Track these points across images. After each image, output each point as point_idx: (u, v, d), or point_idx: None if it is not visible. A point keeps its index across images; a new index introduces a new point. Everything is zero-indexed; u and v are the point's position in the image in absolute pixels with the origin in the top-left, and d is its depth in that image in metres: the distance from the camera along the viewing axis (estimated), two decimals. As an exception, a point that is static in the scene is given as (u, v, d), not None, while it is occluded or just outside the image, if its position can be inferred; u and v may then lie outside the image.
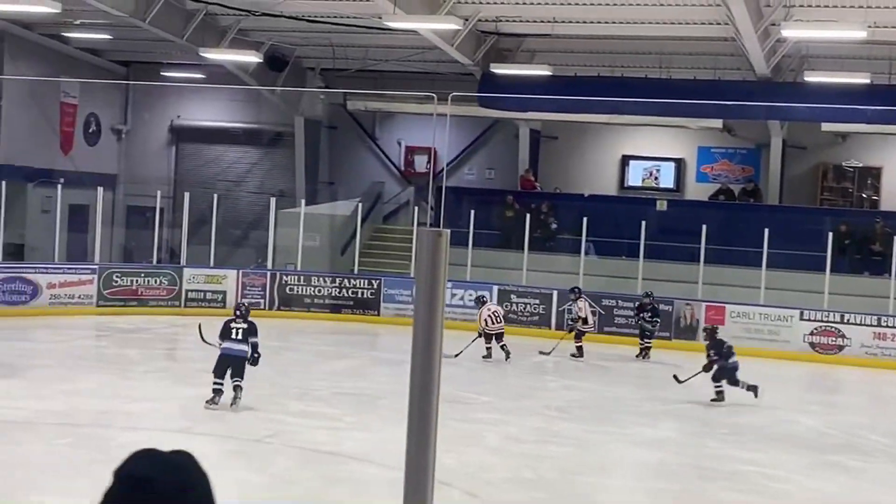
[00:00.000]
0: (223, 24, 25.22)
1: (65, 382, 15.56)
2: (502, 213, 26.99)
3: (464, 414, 14.05)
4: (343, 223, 27.57)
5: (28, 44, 27.90)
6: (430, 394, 4.55)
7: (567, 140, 29.10)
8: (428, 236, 4.38)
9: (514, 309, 23.62)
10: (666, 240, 24.24)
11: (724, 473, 12.37)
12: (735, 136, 27.60)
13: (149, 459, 2.25)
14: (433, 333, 4.49)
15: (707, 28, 21.98)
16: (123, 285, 23.66)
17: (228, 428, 13.15)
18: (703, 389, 16.71)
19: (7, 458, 11.13)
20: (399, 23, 21.08)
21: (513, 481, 11.41)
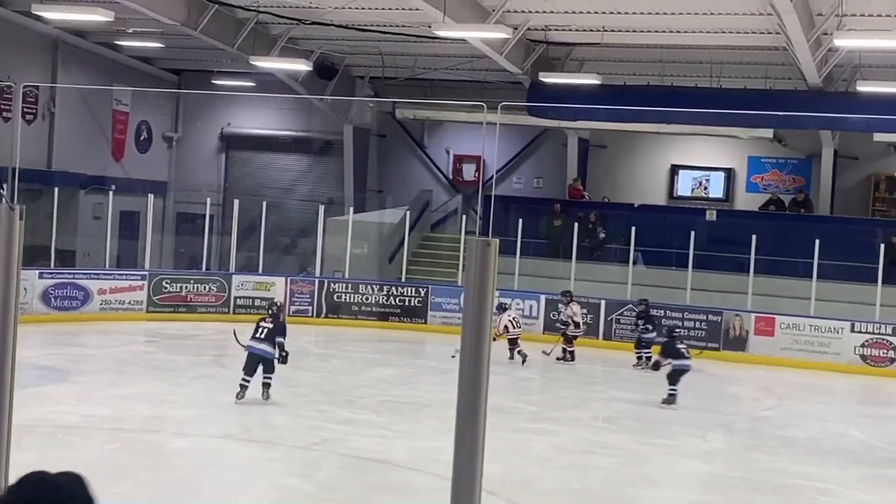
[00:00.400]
0: (273, 33, 25.38)
1: (114, 388, 15.70)
2: (550, 222, 26.92)
3: (510, 423, 14.01)
4: (391, 231, 27.62)
5: (81, 52, 28.23)
6: (479, 403, 4.54)
7: (616, 149, 28.99)
8: (477, 245, 4.38)
9: (562, 319, 23.52)
10: (715, 250, 24.07)
11: (774, 486, 12.23)
12: (786, 146, 27.36)
13: (33, 483, 2.30)
14: (481, 342, 4.48)
15: (758, 37, 21.80)
16: (173, 292, 23.85)
17: (275, 435, 13.19)
18: (755, 403, 16.55)
19: (57, 463, 11.18)
20: (448, 31, 21.09)
21: (560, 492, 11.36)
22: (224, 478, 11.26)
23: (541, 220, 26.98)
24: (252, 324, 15.80)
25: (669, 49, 23.51)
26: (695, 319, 22.68)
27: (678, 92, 24.71)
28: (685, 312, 22.86)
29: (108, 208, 24.80)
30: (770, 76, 23.90)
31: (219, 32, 24.28)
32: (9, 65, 25.55)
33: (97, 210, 27.10)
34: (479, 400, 4.05)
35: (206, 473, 11.44)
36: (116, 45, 28.55)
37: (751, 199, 27.79)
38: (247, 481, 11.25)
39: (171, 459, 11.80)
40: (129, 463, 11.54)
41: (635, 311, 21.96)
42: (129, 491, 10.46)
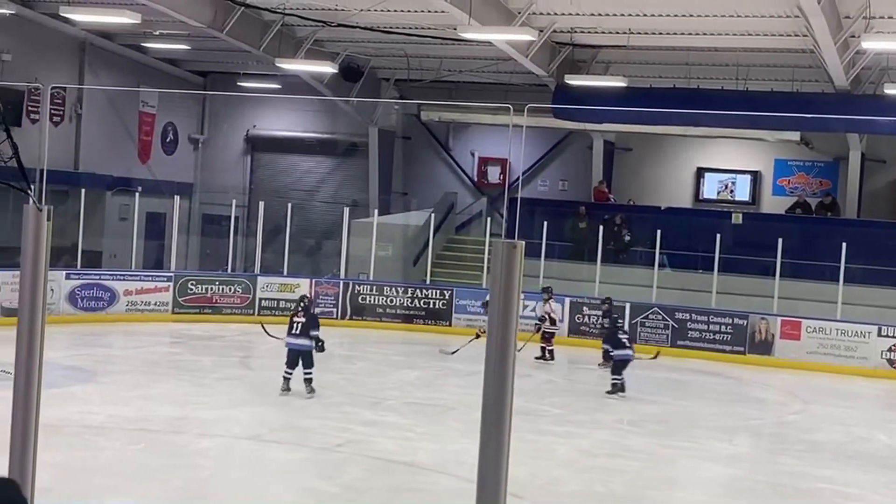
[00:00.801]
0: (299, 35, 25.44)
1: (140, 389, 15.77)
2: (575, 224, 26.88)
3: (534, 426, 13.99)
4: (416, 233, 27.64)
5: (108, 54, 28.38)
6: (504, 406, 4.53)
7: (641, 152, 28.92)
8: (503, 248, 4.38)
9: (587, 321, 23.52)
10: (741, 253, 23.99)
11: (799, 491, 12.17)
12: (813, 149, 27.21)
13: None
14: (507, 345, 4.47)
15: (785, 40, 21.71)
16: (198, 293, 23.94)
17: (300, 436, 13.22)
18: (781, 407, 16.47)
19: (83, 463, 11.29)
20: (474, 34, 21.08)
21: (583, 495, 11.33)
22: (248, 479, 11.28)
23: (566, 222, 26.94)
24: (277, 325, 15.96)
25: (696, 51, 23.43)
26: (720, 323, 22.59)
27: (704, 94, 24.61)
28: (710, 316, 22.77)
29: (135, 209, 24.92)
30: (797, 79, 23.77)
31: (245, 34, 24.36)
32: (36, 67, 25.71)
33: (123, 211, 27.26)
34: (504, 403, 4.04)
35: (230, 474, 11.47)
36: (143, 47, 28.70)
37: (777, 202, 27.66)
38: (271, 483, 11.26)
39: (195, 460, 11.83)
40: (154, 463, 11.59)
41: (600, 311, 21.93)
42: (153, 491, 10.50)
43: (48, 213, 4.75)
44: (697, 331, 22.72)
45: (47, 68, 26.47)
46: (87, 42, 27.67)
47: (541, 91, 25.57)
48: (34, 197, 4.87)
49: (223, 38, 24.03)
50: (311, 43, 25.47)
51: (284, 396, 15.53)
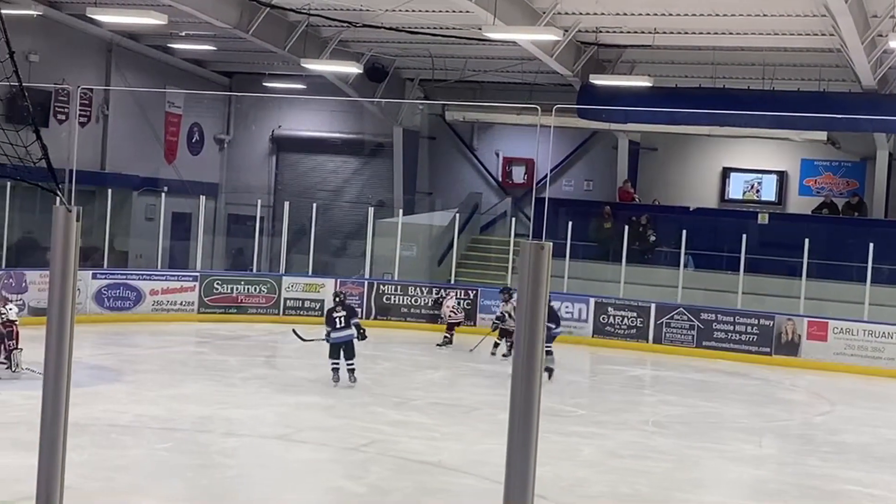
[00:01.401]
0: (324, 36, 25.50)
1: (166, 388, 15.84)
2: (600, 224, 26.82)
3: (560, 427, 13.97)
4: (440, 234, 27.65)
5: (134, 55, 28.52)
6: (532, 406, 4.52)
7: (667, 152, 28.83)
8: (530, 249, 4.37)
9: (612, 322, 23.47)
10: (767, 253, 23.88)
11: (826, 493, 12.10)
12: (839, 149, 27.04)
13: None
14: (534, 346, 4.46)
15: (812, 39, 21.60)
16: (224, 293, 24.02)
17: (326, 436, 13.24)
18: (808, 408, 16.38)
19: (110, 462, 11.35)
20: (498, 34, 21.08)
21: (609, 496, 11.30)
22: (274, 478, 11.31)
23: (591, 222, 26.89)
24: (303, 324, 16.17)
25: (721, 51, 23.34)
26: (746, 324, 22.50)
27: (730, 94, 24.52)
28: (736, 316, 22.68)
29: (161, 210, 25.04)
30: (824, 78, 23.66)
31: (270, 35, 24.44)
32: (63, 68, 25.85)
33: (150, 211, 27.39)
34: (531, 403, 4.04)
35: (256, 474, 11.50)
36: (169, 48, 28.83)
37: (804, 202, 27.52)
38: (296, 482, 11.29)
39: (221, 459, 11.87)
40: (180, 462, 11.64)
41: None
42: (179, 490, 10.55)
43: (77, 214, 4.77)
44: (723, 331, 22.63)
45: (74, 69, 26.62)
46: (114, 43, 27.82)
47: (565, 91, 25.54)
48: (63, 197, 4.89)
49: (249, 38, 24.12)
50: (336, 43, 25.52)
51: (307, 396, 15.57)
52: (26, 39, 23.35)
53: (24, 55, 23.22)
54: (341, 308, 16.89)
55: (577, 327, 23.62)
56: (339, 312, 16.79)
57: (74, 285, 4.79)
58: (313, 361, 19.87)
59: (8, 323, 15.73)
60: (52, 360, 4.84)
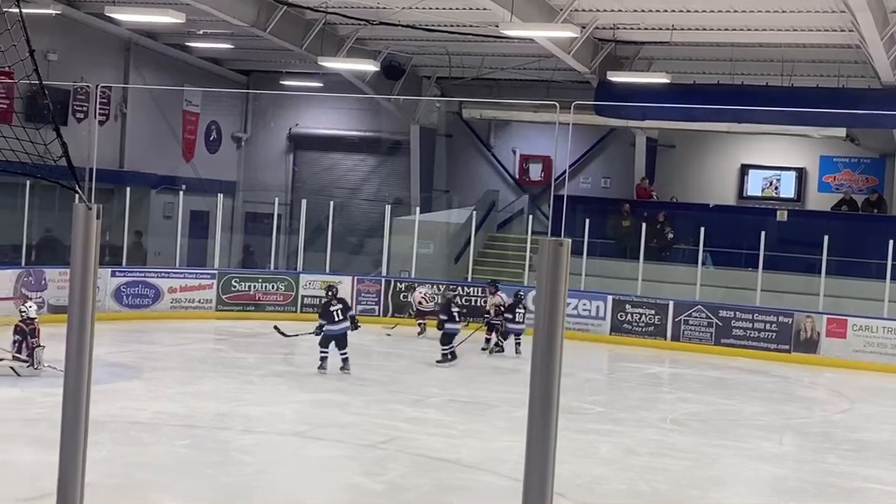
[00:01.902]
0: (341, 34, 25.52)
1: (185, 385, 15.89)
2: (618, 222, 26.76)
3: (578, 424, 13.95)
4: (457, 231, 27.64)
5: (152, 53, 28.60)
6: (551, 404, 4.51)
7: (684, 149, 28.74)
8: (549, 246, 4.36)
9: (629, 319, 23.43)
10: (786, 250, 23.78)
11: (846, 491, 12.06)
12: (859, 146, 26.93)
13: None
14: (553, 343, 4.46)
15: (830, 35, 21.51)
16: (242, 290, 24.10)
17: (343, 433, 13.26)
18: (827, 406, 16.33)
19: (130, 459, 11.39)
20: (515, 31, 21.06)
21: (627, 494, 11.28)
22: (291, 475, 11.34)
23: (608, 220, 26.83)
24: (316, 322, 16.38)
25: (740, 47, 23.28)
26: (765, 321, 22.43)
27: (749, 91, 24.45)
28: (755, 314, 22.61)
29: (179, 208, 25.11)
30: (843, 74, 23.55)
31: (287, 33, 24.48)
32: (82, 66, 25.94)
33: (168, 209, 27.46)
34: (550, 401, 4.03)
35: (274, 471, 11.52)
36: (187, 47, 28.90)
37: (823, 198, 27.41)
38: (314, 479, 11.31)
39: (239, 456, 11.90)
40: (199, 459, 11.68)
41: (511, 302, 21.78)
42: (198, 487, 10.59)
43: (98, 212, 4.78)
44: (742, 329, 22.57)
45: (93, 68, 26.70)
46: (132, 42, 27.90)
47: (583, 88, 25.50)
48: (83, 195, 4.91)
49: (266, 37, 24.16)
50: (353, 41, 25.54)
51: (324, 393, 15.60)
52: (45, 38, 23.42)
53: (43, 54, 23.28)
54: (337, 301, 17.35)
55: (595, 325, 23.58)
56: (336, 306, 17.24)
57: (95, 282, 4.81)
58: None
59: (28, 320, 15.82)
60: (72, 357, 4.86)
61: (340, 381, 16.80)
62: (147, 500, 10.02)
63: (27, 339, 15.70)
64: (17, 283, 20.96)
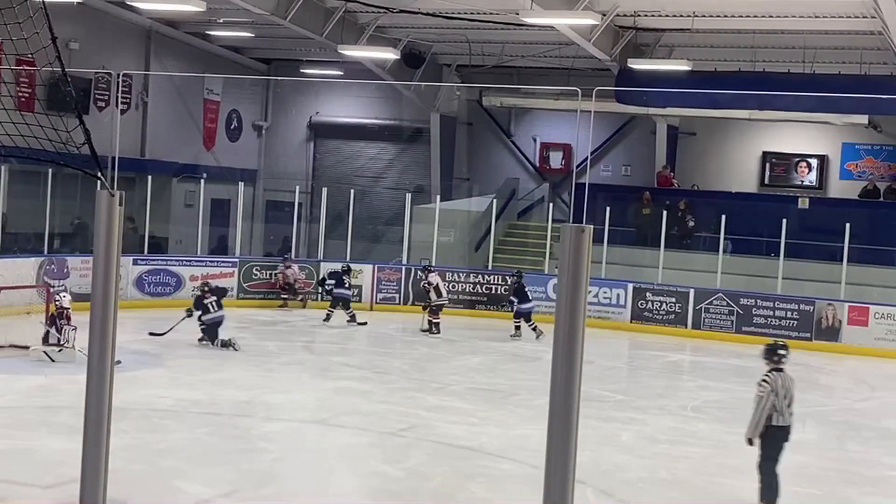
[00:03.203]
0: (361, 22, 25.50)
1: (207, 373, 15.95)
2: (638, 210, 26.70)
3: (598, 412, 13.95)
4: (478, 219, 27.62)
5: (173, 42, 28.65)
6: (572, 392, 4.52)
7: (706, 136, 28.63)
8: (571, 232, 4.36)
9: (650, 307, 23.39)
10: (807, 238, 23.69)
11: (869, 479, 12.02)
12: (881, 133, 26.79)
13: None
14: (575, 330, 4.46)
15: (853, 21, 21.38)
16: (263, 279, 24.15)
17: (365, 420, 13.29)
18: (849, 394, 16.28)
19: (152, 446, 11.44)
20: (536, 18, 21.01)
21: (648, 481, 11.28)
22: (313, 463, 11.38)
23: (629, 207, 26.77)
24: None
25: (761, 34, 23.16)
26: (786, 309, 22.35)
27: (770, 78, 24.33)
28: (776, 302, 22.54)
29: (200, 196, 25.17)
30: (865, 61, 23.42)
31: (308, 22, 24.47)
32: (103, 55, 25.99)
33: (189, 198, 27.53)
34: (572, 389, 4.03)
35: (295, 458, 11.57)
36: (207, 35, 28.93)
37: (845, 186, 27.28)
38: (336, 467, 11.34)
39: (261, 444, 11.94)
40: (220, 446, 11.72)
41: (508, 284, 22.27)
42: (220, 474, 10.63)
43: (120, 199, 4.81)
44: (763, 317, 22.49)
45: (113, 57, 26.77)
46: (153, 30, 27.95)
47: (603, 76, 25.40)
48: (106, 182, 4.93)
49: (286, 25, 24.15)
50: (374, 29, 25.52)
51: (346, 381, 15.67)
52: (67, 27, 23.49)
53: (65, 42, 23.34)
54: (211, 294, 18.26)
55: (616, 313, 23.55)
56: (210, 298, 18.17)
57: (118, 268, 4.84)
58: (351, 346, 19.98)
59: (61, 309, 16.05)
60: (96, 344, 4.89)
61: (362, 369, 16.83)
62: (169, 487, 10.06)
63: (56, 322, 15.95)
64: (40, 272, 21.06)
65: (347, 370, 17.00)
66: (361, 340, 20.71)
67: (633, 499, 10.69)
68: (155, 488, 9.96)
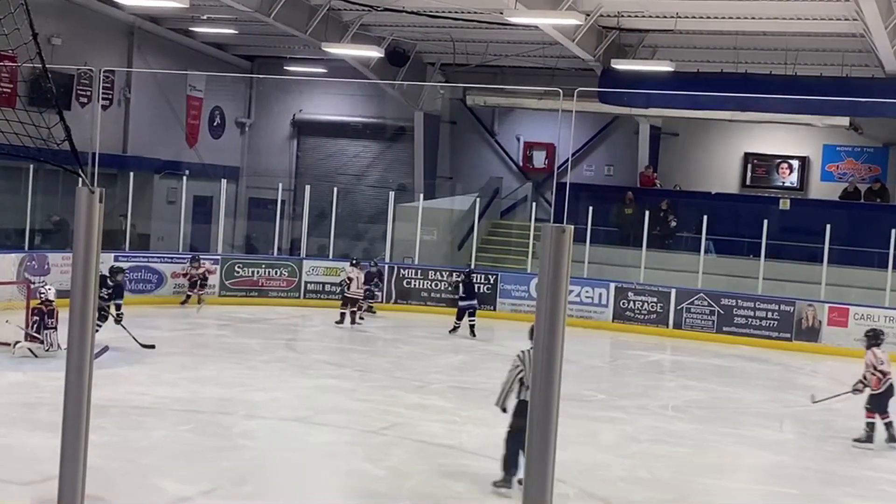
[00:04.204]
0: (345, 20, 25.48)
1: (188, 370, 15.92)
2: (621, 210, 26.77)
3: (579, 411, 13.99)
4: (461, 218, 27.65)
5: (156, 38, 28.57)
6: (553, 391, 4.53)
7: (688, 137, 28.73)
8: (552, 232, 4.37)
9: (631, 307, 23.45)
10: (788, 239, 23.80)
11: (846, 479, 12.08)
12: (862, 135, 26.92)
13: None
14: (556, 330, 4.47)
15: (835, 24, 21.48)
16: (245, 276, 24.13)
17: (346, 419, 13.29)
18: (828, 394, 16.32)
19: (132, 443, 11.42)
20: (520, 18, 21.03)
21: (628, 480, 11.32)
22: (294, 461, 11.37)
23: (611, 207, 26.84)
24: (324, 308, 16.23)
25: (744, 36, 23.24)
26: (767, 309, 22.44)
27: (752, 79, 24.42)
28: (757, 302, 22.63)
29: (182, 193, 25.13)
30: (847, 63, 23.53)
31: (292, 19, 24.44)
32: (86, 51, 25.91)
33: (171, 194, 27.49)
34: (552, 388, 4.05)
35: (277, 456, 11.56)
36: (191, 32, 28.86)
37: (826, 187, 27.41)
38: (317, 465, 11.35)
39: (242, 442, 11.93)
40: (201, 444, 11.70)
41: (458, 280, 22.46)
42: (201, 471, 10.61)
43: (101, 195, 4.79)
44: (743, 317, 22.58)
45: (96, 53, 26.67)
46: (136, 26, 27.87)
47: (587, 76, 25.47)
48: (86, 179, 4.92)
49: (270, 22, 24.12)
50: (358, 27, 25.50)
51: (327, 379, 15.66)
52: (49, 22, 23.41)
53: (47, 38, 23.25)
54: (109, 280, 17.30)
55: (598, 312, 23.61)
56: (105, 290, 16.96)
57: (97, 265, 4.82)
58: (333, 345, 19.99)
59: (47, 302, 16.03)
60: (75, 341, 4.88)
61: (343, 367, 16.83)
62: (149, 485, 10.04)
63: (44, 319, 15.90)
64: (20, 268, 20.98)
65: (329, 368, 17.00)
66: (343, 339, 20.71)
67: (613, 498, 10.72)
68: (135, 486, 9.94)
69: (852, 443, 13.52)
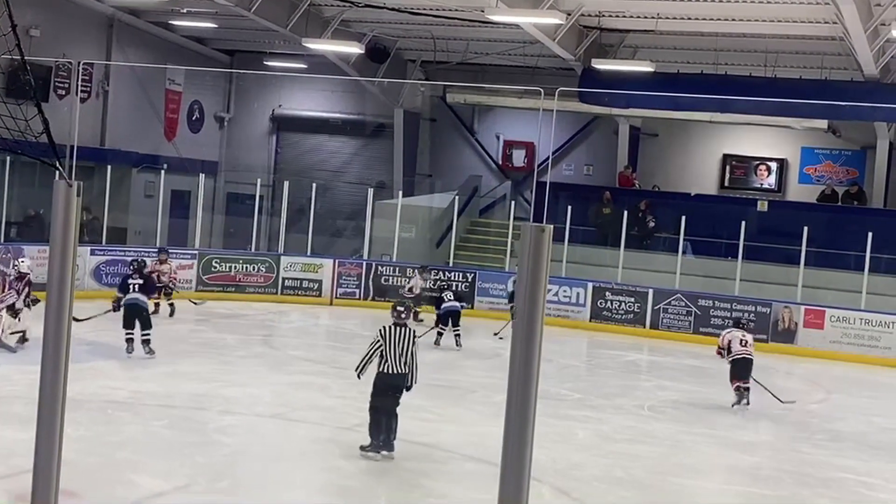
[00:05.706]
0: (326, 15, 25.43)
1: (163, 365, 15.85)
2: (599, 209, 26.80)
3: (556, 410, 14.00)
4: (439, 216, 27.64)
5: (135, 31, 28.43)
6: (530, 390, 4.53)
7: (667, 137, 28.81)
8: (531, 231, 4.37)
9: (609, 307, 23.49)
10: (766, 241, 23.88)
11: (821, 480, 12.14)
12: (840, 138, 27.03)
13: None
14: (534, 328, 4.47)
15: (814, 27, 21.57)
16: (222, 271, 24.04)
17: (322, 415, 13.27)
18: (803, 396, 16.41)
19: (107, 438, 11.36)
20: (501, 16, 21.04)
21: (603, 480, 11.34)
22: (270, 457, 11.34)
23: (590, 207, 26.87)
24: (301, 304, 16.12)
25: (724, 37, 23.31)
26: (743, 310, 22.49)
27: (732, 81, 24.48)
28: (734, 303, 22.71)
29: (160, 187, 25.03)
30: (826, 66, 23.63)
31: (272, 14, 24.38)
32: (64, 43, 25.76)
33: (149, 188, 27.37)
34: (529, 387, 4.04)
35: (253, 452, 11.52)
36: (170, 25, 28.73)
37: (803, 190, 27.52)
38: (293, 461, 11.31)
39: (217, 437, 11.90)
40: (176, 439, 11.66)
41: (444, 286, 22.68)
42: (175, 467, 10.57)
43: (78, 189, 4.76)
44: (720, 318, 22.62)
45: (75, 45, 26.54)
46: (115, 19, 27.73)
47: (567, 75, 25.48)
48: (64, 172, 4.89)
49: (250, 16, 24.05)
50: (338, 23, 25.46)
51: (304, 376, 15.61)
52: (28, 13, 23.27)
53: (25, 30, 23.10)
54: (138, 276, 16.73)
55: (575, 311, 23.64)
56: (136, 280, 16.62)
57: (74, 258, 4.79)
58: (310, 342, 19.95)
59: (21, 275, 16.00)
60: (50, 335, 4.84)
61: (320, 363, 16.80)
62: (124, 480, 10.00)
63: (20, 298, 15.92)
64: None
65: (305, 364, 16.96)
66: (320, 335, 20.68)
67: (588, 497, 10.74)
68: (109, 481, 9.89)
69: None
